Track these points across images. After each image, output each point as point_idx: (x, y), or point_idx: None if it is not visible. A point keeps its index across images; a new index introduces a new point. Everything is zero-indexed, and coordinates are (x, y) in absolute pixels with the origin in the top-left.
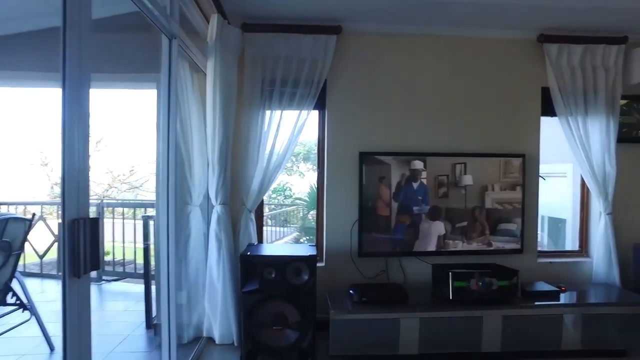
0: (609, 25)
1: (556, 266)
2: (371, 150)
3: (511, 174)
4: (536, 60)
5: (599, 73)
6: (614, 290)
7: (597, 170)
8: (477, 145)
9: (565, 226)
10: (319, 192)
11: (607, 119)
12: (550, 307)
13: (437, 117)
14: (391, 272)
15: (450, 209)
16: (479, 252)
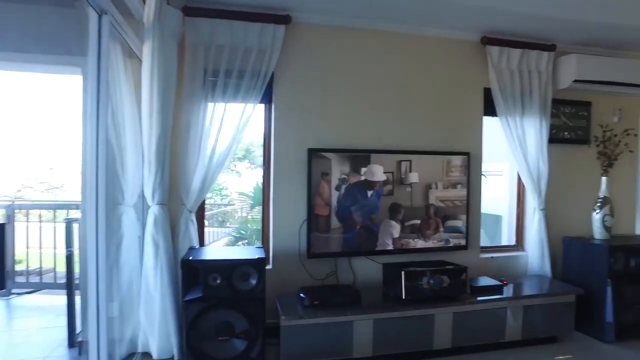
0: (541, 33)
1: (496, 261)
2: (320, 146)
3: (455, 172)
4: (479, 61)
5: (534, 77)
6: (547, 281)
7: (532, 168)
8: (424, 142)
9: (502, 222)
10: (265, 191)
11: (540, 120)
12: (496, 301)
13: (386, 114)
14: (341, 273)
15: (398, 206)
16: (427, 249)
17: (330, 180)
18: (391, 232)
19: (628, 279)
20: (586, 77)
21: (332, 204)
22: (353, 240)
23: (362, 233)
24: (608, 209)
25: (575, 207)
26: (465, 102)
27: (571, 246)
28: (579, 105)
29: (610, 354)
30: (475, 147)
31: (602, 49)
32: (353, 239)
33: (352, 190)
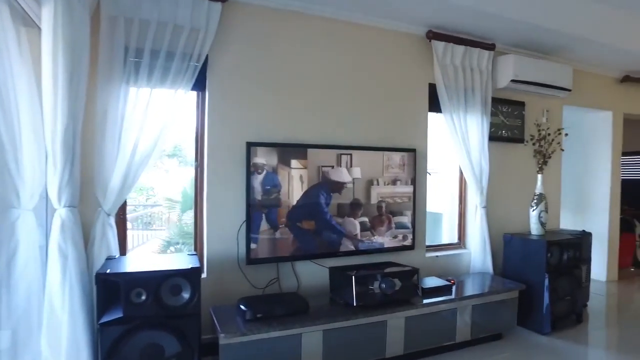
0: (482, 31)
1: (441, 259)
2: (260, 140)
3: (400, 169)
4: (425, 56)
5: (475, 74)
6: (491, 279)
7: (475, 165)
8: (369, 138)
9: (442, 220)
10: (198, 190)
11: (482, 118)
12: (447, 303)
13: (331, 106)
14: (283, 280)
15: (343, 205)
16: (373, 251)
17: (284, 178)
18: (353, 232)
19: (561, 272)
20: (522, 78)
21: (284, 203)
22: (297, 243)
23: (307, 235)
24: (544, 205)
25: (513, 204)
26: (411, 97)
27: (511, 242)
28: (514, 104)
29: (548, 345)
30: (421, 143)
31: (534, 52)
32: (297, 242)
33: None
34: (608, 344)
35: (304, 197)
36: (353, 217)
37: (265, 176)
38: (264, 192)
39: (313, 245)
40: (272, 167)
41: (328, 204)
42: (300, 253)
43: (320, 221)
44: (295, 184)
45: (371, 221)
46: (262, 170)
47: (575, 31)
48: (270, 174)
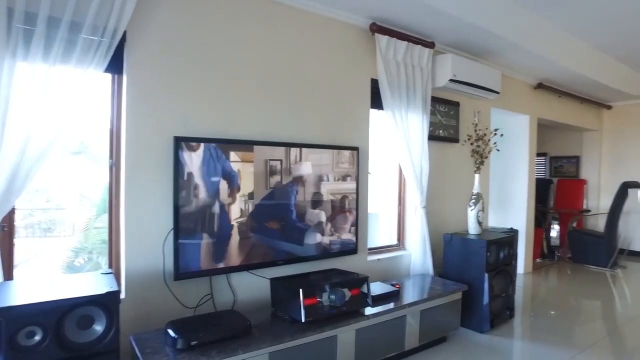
0: (423, 28)
1: (382, 262)
2: (191, 135)
3: (342, 168)
4: (368, 50)
5: (417, 71)
6: (433, 280)
7: (416, 165)
8: (311, 134)
9: (378, 221)
10: (113, 193)
11: (422, 116)
12: (397, 310)
13: (272, 99)
14: (217, 295)
15: (282, 205)
16: (313, 257)
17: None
18: (280, 238)
19: (498, 270)
20: (459, 78)
21: (220, 207)
22: (234, 252)
23: (244, 242)
24: (481, 205)
25: (450, 204)
26: (353, 92)
27: (451, 242)
28: (451, 104)
29: (489, 343)
30: (363, 141)
31: (468, 54)
32: (234, 250)
33: (232, 190)
34: (540, 335)
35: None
36: (281, 222)
37: (199, 175)
38: (195, 194)
39: (254, 253)
40: (206, 165)
41: (290, 205)
42: (239, 263)
43: (250, 224)
44: (234, 184)
45: (324, 222)
46: (193, 169)
47: (507, 34)
48: (205, 173)
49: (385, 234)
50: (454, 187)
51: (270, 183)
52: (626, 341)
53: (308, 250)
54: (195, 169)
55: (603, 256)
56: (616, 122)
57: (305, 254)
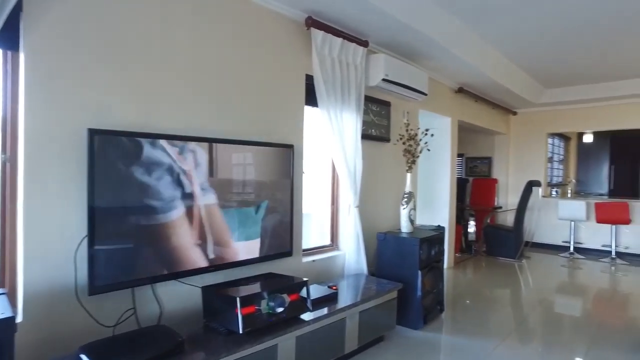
0: (358, 26)
1: (317, 263)
2: (108, 127)
3: (276, 167)
4: (303, 44)
5: (351, 69)
6: (368, 280)
7: (350, 163)
8: (242, 130)
9: (310, 221)
10: (7, 193)
11: (356, 115)
12: (337, 313)
13: (201, 93)
14: (141, 309)
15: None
16: (246, 262)
17: (144, 175)
18: (210, 243)
19: (429, 267)
20: (392, 78)
21: (140, 208)
22: (161, 258)
23: (171, 247)
24: (413, 203)
25: (382, 203)
26: (288, 88)
27: (385, 241)
28: (382, 104)
29: (424, 339)
30: (298, 139)
31: (399, 56)
32: (159, 256)
33: (156, 189)
34: (468, 327)
35: (161, 192)
36: (214, 224)
37: (120, 173)
38: (114, 195)
39: (183, 259)
40: (130, 161)
41: (222, 206)
42: (166, 271)
43: (201, 227)
44: (163, 182)
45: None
46: (114, 166)
47: (437, 38)
48: (126, 169)
49: (318, 234)
50: (386, 186)
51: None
52: (538, 325)
53: (242, 253)
54: (114, 165)
55: (512, 249)
56: (520, 127)
57: (238, 258)
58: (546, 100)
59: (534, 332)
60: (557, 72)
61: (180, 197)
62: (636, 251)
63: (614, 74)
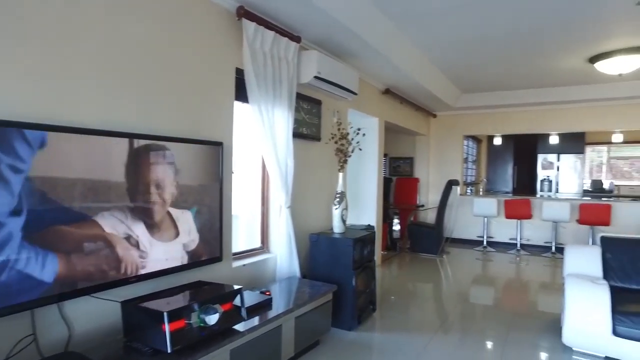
0: (290, 19)
1: (248, 268)
2: (6, 117)
3: (203, 166)
4: (234, 36)
5: (283, 65)
6: (302, 283)
7: (281, 163)
8: (166, 125)
9: (238, 223)
10: None
11: (288, 112)
12: (273, 320)
13: (119, 83)
14: (43, 333)
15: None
16: (172, 270)
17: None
18: (133, 247)
19: (362, 267)
20: (324, 76)
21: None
22: (69, 270)
23: (81, 256)
24: (345, 203)
25: (313, 203)
26: (217, 81)
27: (318, 242)
28: (313, 102)
29: (359, 340)
30: (227, 136)
31: (330, 54)
32: (68, 268)
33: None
34: (400, 324)
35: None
36: (153, 225)
37: (10, 171)
38: (19, 196)
39: (97, 269)
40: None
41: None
42: (77, 285)
43: (84, 230)
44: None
45: (160, 231)
46: (24, 163)
47: (369, 38)
48: (12, 168)
49: (246, 236)
50: (316, 186)
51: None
52: (463, 317)
53: (165, 261)
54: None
55: (434, 245)
56: (439, 129)
57: (162, 267)
58: (463, 105)
59: (461, 324)
60: (474, 79)
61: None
62: (536, 243)
63: (522, 84)
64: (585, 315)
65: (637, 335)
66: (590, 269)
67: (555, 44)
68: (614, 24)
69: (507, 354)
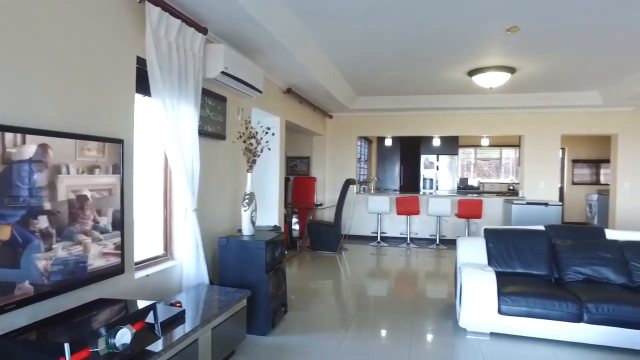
0: (197, 8)
1: (152, 278)
2: None
3: (100, 165)
4: (134, 21)
5: (189, 57)
6: (212, 290)
7: (187, 162)
8: (50, 116)
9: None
10: None
11: (194, 108)
12: (189, 335)
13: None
14: None
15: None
16: (66, 288)
17: None
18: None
19: (274, 269)
20: (231, 71)
21: None
22: None
23: None
24: (254, 204)
25: (219, 205)
26: (116, 70)
27: (228, 246)
28: (219, 99)
29: (274, 344)
30: (128, 132)
31: (236, 50)
32: None
33: None
34: (313, 324)
35: None
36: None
37: None
38: None
39: None
40: None
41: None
42: None
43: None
44: None
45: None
46: None
47: (277, 34)
48: None
49: (146, 243)
50: (223, 186)
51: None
52: (370, 310)
53: (53, 278)
54: None
55: (333, 243)
56: (335, 129)
57: (50, 286)
58: (358, 107)
59: (369, 318)
60: (369, 83)
61: None
62: (423, 236)
63: (412, 90)
64: (478, 299)
65: (516, 311)
66: (478, 257)
67: (441, 57)
68: (488, 45)
69: (415, 342)
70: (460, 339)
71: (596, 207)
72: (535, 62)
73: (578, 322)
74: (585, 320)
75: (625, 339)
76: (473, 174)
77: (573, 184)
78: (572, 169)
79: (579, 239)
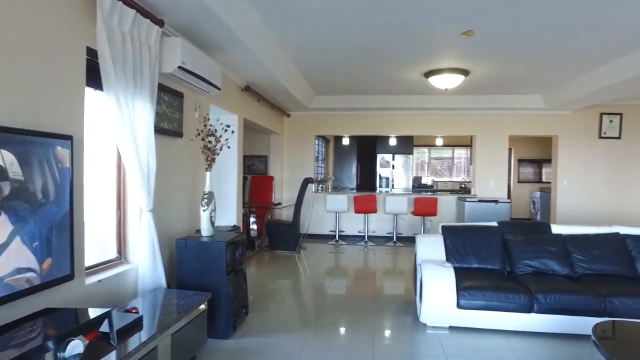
0: (152, 1)
1: (105, 283)
2: None
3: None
4: (85, 8)
5: (144, 50)
6: (170, 294)
7: (142, 161)
8: None
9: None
10: None
11: (150, 105)
12: (148, 343)
13: None
14: None
15: None
16: (5, 299)
17: None
18: None
19: (235, 271)
20: (188, 66)
21: None
22: None
23: None
24: (214, 204)
25: (176, 205)
26: (63, 62)
27: (186, 248)
28: (175, 95)
29: (236, 347)
30: (78, 128)
31: (194, 44)
32: None
33: None
34: (274, 325)
35: None
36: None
37: None
38: None
39: None
40: None
41: None
42: None
43: None
44: None
45: None
46: None
47: (237, 29)
48: None
49: (98, 246)
50: (179, 186)
51: None
52: (332, 309)
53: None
54: None
55: (292, 242)
56: (293, 128)
57: None
58: (316, 106)
59: (330, 317)
60: (327, 82)
61: None
62: (380, 234)
63: (369, 90)
64: (438, 294)
65: (473, 305)
66: (437, 254)
67: (400, 58)
68: (443, 48)
69: (378, 339)
70: (421, 334)
71: (539, 204)
72: (487, 65)
73: (529, 312)
74: (535, 310)
75: (571, 325)
76: (427, 172)
77: (519, 182)
78: (518, 168)
79: (529, 234)
